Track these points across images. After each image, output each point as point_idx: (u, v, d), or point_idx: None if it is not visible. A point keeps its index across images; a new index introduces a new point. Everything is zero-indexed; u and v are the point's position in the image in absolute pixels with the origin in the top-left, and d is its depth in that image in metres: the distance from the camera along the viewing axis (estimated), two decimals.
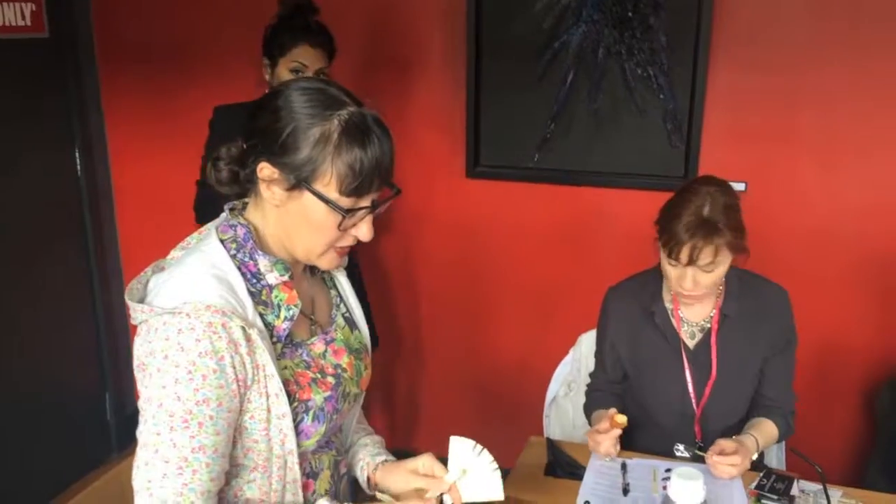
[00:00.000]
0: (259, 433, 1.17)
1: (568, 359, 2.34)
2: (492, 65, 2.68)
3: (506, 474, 1.76)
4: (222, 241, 1.19)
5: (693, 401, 1.91)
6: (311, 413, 1.22)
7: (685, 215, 1.71)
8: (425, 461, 1.33)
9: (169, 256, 1.26)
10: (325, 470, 1.33)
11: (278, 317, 1.21)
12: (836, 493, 1.51)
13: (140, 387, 1.15)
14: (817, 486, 1.47)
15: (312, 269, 1.36)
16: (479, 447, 1.34)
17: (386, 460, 1.41)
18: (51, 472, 2.73)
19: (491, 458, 1.35)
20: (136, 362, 1.16)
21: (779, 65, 2.41)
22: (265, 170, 1.15)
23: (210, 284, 1.12)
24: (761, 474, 1.74)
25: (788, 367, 1.94)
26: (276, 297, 1.21)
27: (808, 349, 2.59)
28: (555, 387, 2.36)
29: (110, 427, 3.37)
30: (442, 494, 1.34)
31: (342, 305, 1.39)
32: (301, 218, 1.17)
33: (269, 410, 1.16)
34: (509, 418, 2.79)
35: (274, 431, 1.17)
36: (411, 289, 3.01)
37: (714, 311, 1.89)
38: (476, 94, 2.72)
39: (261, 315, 1.18)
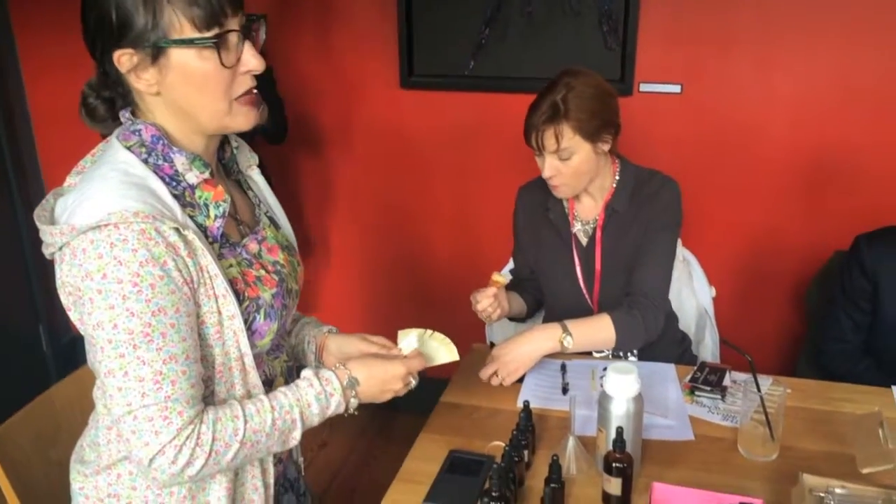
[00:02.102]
0: (213, 337, 1.14)
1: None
2: None
3: (447, 381, 1.79)
4: (129, 149, 1.13)
5: (586, 296, 1.95)
6: (262, 311, 1.20)
7: (537, 103, 1.78)
8: (379, 337, 1.40)
9: (66, 183, 1.20)
10: (278, 377, 1.33)
11: (208, 216, 1.16)
12: (765, 381, 1.55)
13: (79, 316, 1.10)
14: (748, 376, 1.51)
15: (227, 172, 1.32)
16: (429, 331, 1.36)
17: (332, 330, 1.45)
18: None
19: (442, 335, 1.40)
20: (65, 290, 1.11)
21: None
22: (122, 58, 1.09)
23: (130, 192, 1.06)
24: (695, 368, 1.79)
25: (657, 251, 1.87)
26: (201, 196, 1.16)
27: (741, 245, 2.66)
28: None
29: (48, 358, 3.30)
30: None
31: (262, 205, 1.36)
32: (184, 82, 1.10)
33: (219, 312, 1.13)
34: (451, 328, 2.79)
35: (227, 334, 1.15)
36: (346, 202, 2.96)
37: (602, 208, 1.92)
38: (408, 0, 2.62)
39: (190, 217, 1.13)
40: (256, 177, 1.38)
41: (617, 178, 1.91)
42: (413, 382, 1.33)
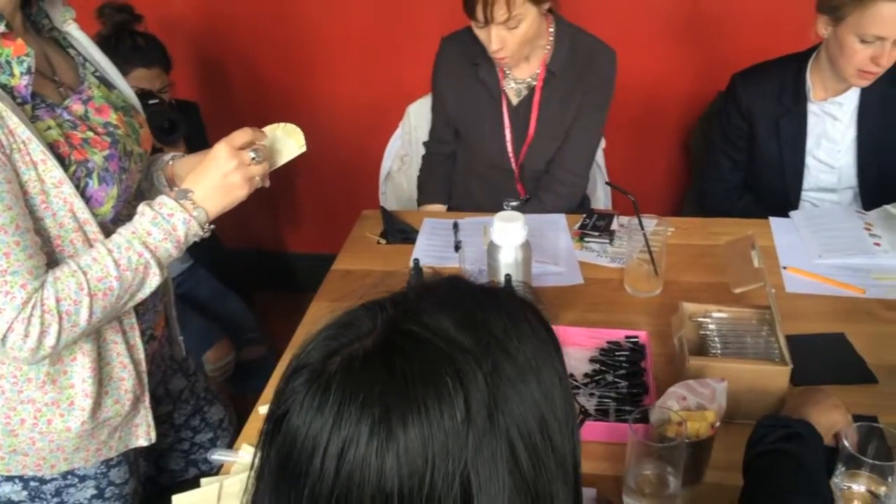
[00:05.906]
0: (40, 208, 1.06)
1: (398, 133, 2.30)
2: None
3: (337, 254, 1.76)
4: None
5: (511, 157, 1.93)
6: (95, 175, 1.11)
7: None
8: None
9: None
10: None
11: (12, 75, 1.06)
12: (650, 221, 1.58)
13: None
14: (634, 218, 1.54)
15: (37, 29, 1.20)
16: (281, 124, 1.27)
17: (176, 156, 1.32)
18: None
19: (294, 126, 1.28)
20: None
21: None
22: None
23: None
24: (584, 215, 1.81)
25: (587, 129, 1.90)
26: (1, 53, 1.05)
27: (628, 92, 2.64)
28: (388, 162, 2.33)
29: None
30: None
31: (88, 64, 1.25)
32: None
33: (41, 180, 1.05)
34: (345, 198, 2.75)
35: (57, 203, 1.06)
36: (224, 63, 2.79)
37: (539, 68, 1.86)
38: None
39: None
40: (76, 32, 1.25)
41: (552, 38, 1.84)
42: (253, 156, 1.16)
